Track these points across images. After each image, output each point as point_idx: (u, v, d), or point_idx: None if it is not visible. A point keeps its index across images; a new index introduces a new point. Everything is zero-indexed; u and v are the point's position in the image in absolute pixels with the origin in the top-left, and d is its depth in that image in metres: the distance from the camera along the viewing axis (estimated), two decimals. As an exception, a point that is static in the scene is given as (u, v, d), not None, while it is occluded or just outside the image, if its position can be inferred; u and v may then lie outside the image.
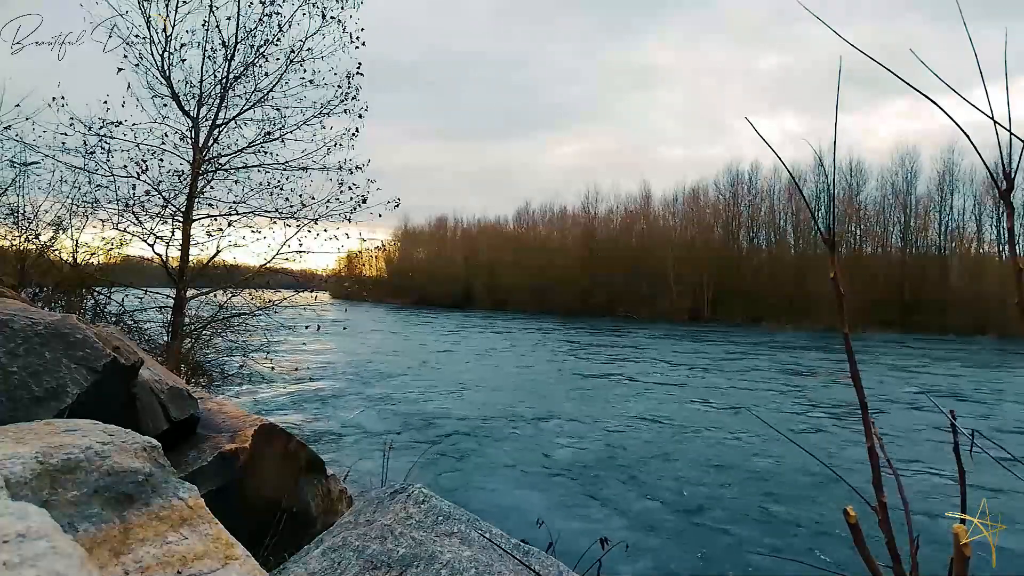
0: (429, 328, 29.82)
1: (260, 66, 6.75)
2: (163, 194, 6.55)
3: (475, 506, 5.59)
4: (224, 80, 6.62)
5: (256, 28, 6.60)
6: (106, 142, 6.27)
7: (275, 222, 7.05)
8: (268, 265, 7.12)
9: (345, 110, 6.99)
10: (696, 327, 36.06)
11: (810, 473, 7.02)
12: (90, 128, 6.17)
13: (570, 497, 6.23)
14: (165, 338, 6.67)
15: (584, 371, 15.63)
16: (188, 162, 6.63)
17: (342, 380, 13.23)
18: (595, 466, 7.31)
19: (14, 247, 6.22)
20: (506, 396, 11.72)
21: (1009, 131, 0.67)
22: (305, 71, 6.84)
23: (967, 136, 0.75)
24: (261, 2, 6.56)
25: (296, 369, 9.84)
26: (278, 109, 6.92)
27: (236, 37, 6.53)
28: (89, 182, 6.34)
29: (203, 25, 6.42)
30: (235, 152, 6.94)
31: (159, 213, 6.61)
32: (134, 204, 6.47)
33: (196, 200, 6.70)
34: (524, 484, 6.61)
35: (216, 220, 6.91)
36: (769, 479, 6.93)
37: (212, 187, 6.93)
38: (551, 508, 5.79)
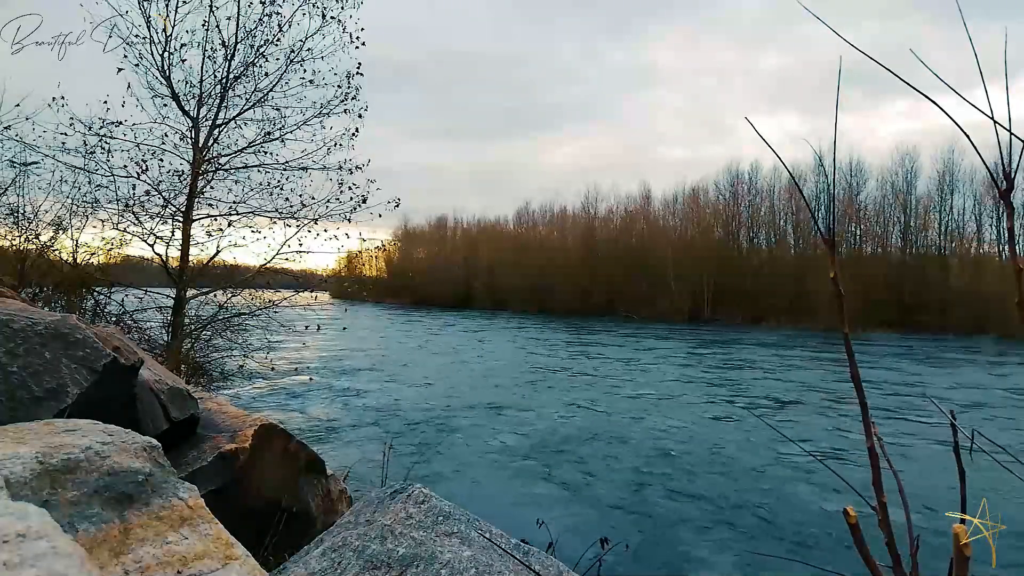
0: (429, 328, 29.82)
1: (260, 66, 6.76)
2: (163, 194, 6.56)
3: (475, 506, 5.59)
4: (224, 80, 6.63)
5: (256, 28, 6.62)
6: (106, 142, 6.28)
7: (275, 222, 7.07)
8: (268, 265, 7.12)
9: (345, 110, 7.00)
10: (696, 327, 36.06)
11: (810, 473, 7.02)
12: (90, 128, 6.18)
13: (570, 497, 6.22)
14: (165, 338, 6.67)
15: (584, 371, 15.63)
16: (188, 162, 6.64)
17: (342, 380, 13.23)
18: (595, 466, 7.31)
19: (14, 247, 6.22)
20: (506, 396, 11.72)
21: (1009, 131, 0.67)
22: (305, 71, 6.86)
23: (967, 136, 0.75)
24: (261, 2, 6.57)
25: (296, 369, 9.84)
26: (278, 109, 6.94)
27: (236, 37, 6.54)
28: (89, 182, 6.35)
29: (203, 25, 6.43)
30: (235, 152, 6.95)
31: (159, 213, 6.62)
32: (134, 204, 6.48)
33: (196, 200, 6.71)
34: (524, 484, 6.61)
35: (216, 220, 6.92)
36: (770, 479, 6.93)
37: (212, 187, 6.94)
38: (551, 508, 5.79)
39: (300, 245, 7.06)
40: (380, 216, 7.08)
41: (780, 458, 7.70)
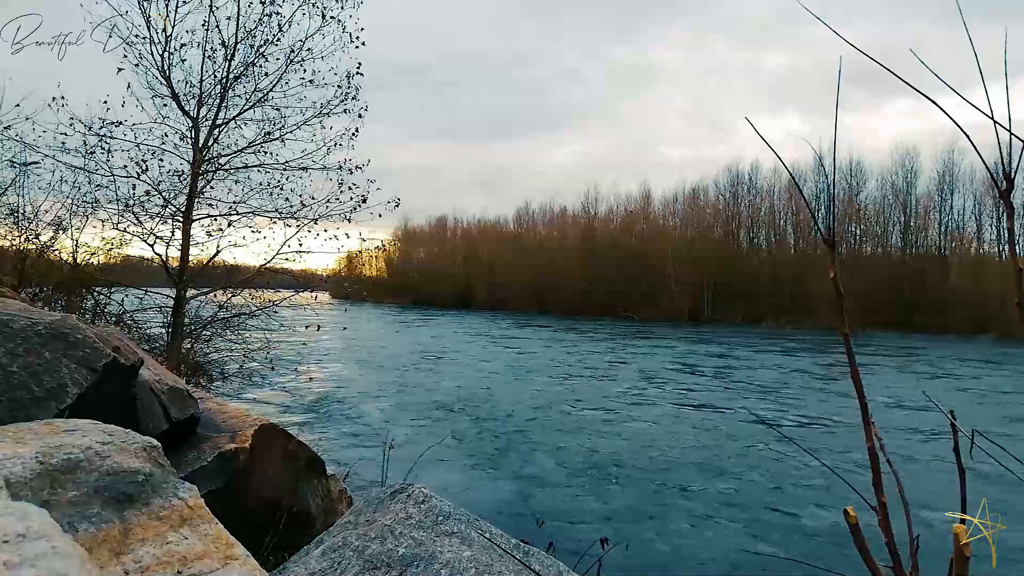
0: (429, 328, 29.82)
1: (260, 66, 6.76)
2: (163, 194, 6.56)
3: (475, 506, 5.59)
4: (224, 80, 6.62)
5: (256, 28, 6.62)
6: (106, 142, 6.28)
7: (275, 222, 7.07)
8: (268, 265, 7.12)
9: (345, 110, 7.00)
10: (696, 327, 36.06)
11: (810, 472, 7.02)
12: (90, 128, 6.18)
13: (571, 497, 6.22)
14: (165, 338, 6.67)
15: (584, 371, 15.63)
16: (188, 162, 6.64)
17: (342, 380, 13.23)
18: (595, 466, 7.31)
19: (14, 247, 6.22)
20: (506, 396, 11.72)
21: (1009, 131, 0.67)
22: (305, 71, 6.86)
23: (967, 136, 0.75)
24: (261, 2, 6.57)
25: (296, 369, 9.84)
26: (278, 109, 6.93)
27: (236, 37, 6.54)
28: (89, 182, 6.35)
29: (203, 25, 6.43)
30: (235, 152, 6.95)
31: (159, 213, 6.62)
32: (134, 204, 6.47)
33: (196, 200, 6.70)
34: (525, 483, 6.61)
35: (216, 220, 6.92)
36: (770, 479, 6.93)
37: (212, 187, 6.94)
38: (552, 507, 5.79)
39: (300, 245, 7.07)
40: (380, 216, 7.09)
41: (780, 458, 7.70)
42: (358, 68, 6.93)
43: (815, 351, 22.69)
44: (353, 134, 7.03)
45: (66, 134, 6.06)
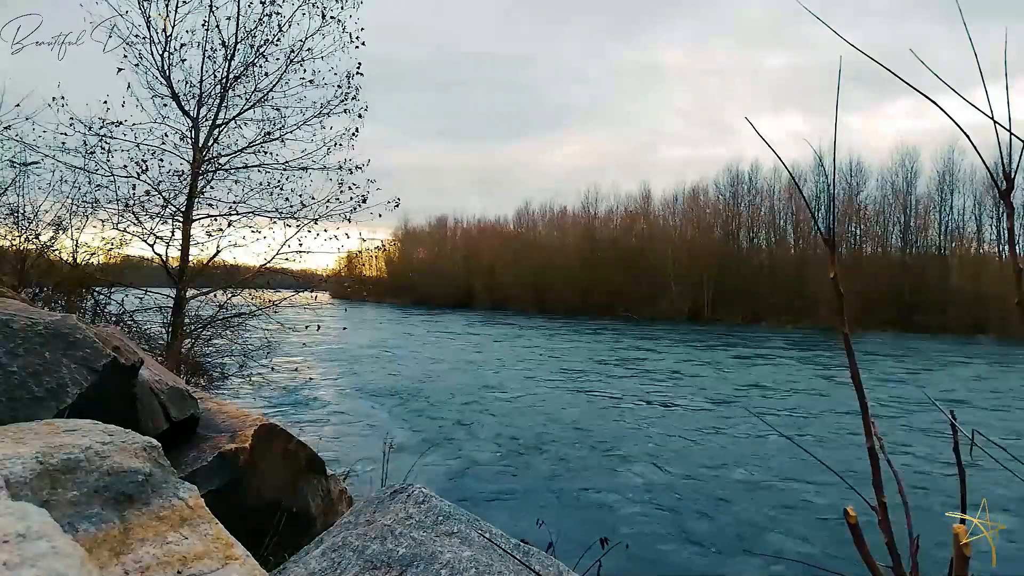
0: (429, 328, 29.81)
1: (260, 66, 6.76)
2: (163, 194, 6.56)
3: (475, 506, 5.59)
4: (224, 80, 6.62)
5: (256, 28, 6.61)
6: (106, 142, 6.28)
7: (275, 222, 7.07)
8: (268, 265, 7.12)
9: (345, 110, 7.00)
10: (696, 327, 36.06)
11: (810, 472, 7.02)
12: (90, 128, 6.18)
13: (571, 497, 6.22)
14: (165, 338, 6.67)
15: (584, 371, 15.63)
16: (188, 162, 6.64)
17: (342, 380, 13.23)
18: (595, 466, 7.31)
19: (14, 247, 6.22)
20: (507, 396, 11.72)
21: (1009, 131, 0.67)
22: (305, 71, 6.86)
23: (967, 136, 0.75)
24: (261, 2, 6.57)
25: (296, 369, 9.83)
26: (278, 109, 6.93)
27: (236, 37, 6.54)
28: (89, 182, 6.35)
29: (203, 25, 6.43)
30: (235, 152, 6.95)
31: (159, 213, 6.62)
32: (134, 204, 6.47)
33: (196, 200, 6.70)
34: (525, 483, 6.61)
35: (216, 220, 6.92)
36: (770, 479, 6.93)
37: (212, 187, 6.94)
38: (552, 507, 5.79)
39: (300, 245, 7.07)
40: (380, 216, 7.09)
41: (780, 458, 7.70)
42: (358, 68, 6.94)
43: (815, 351, 22.68)
44: (353, 134, 7.04)
45: (66, 134, 6.06)
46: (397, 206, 7.18)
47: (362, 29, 6.83)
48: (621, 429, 9.23)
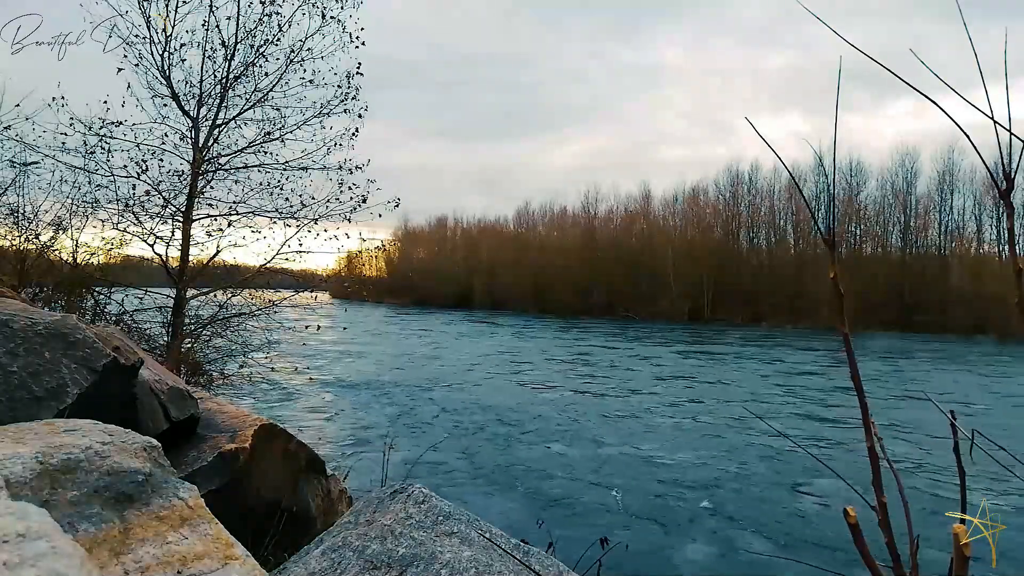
0: (429, 328, 29.82)
1: (260, 66, 6.75)
2: (163, 194, 6.55)
3: (475, 506, 5.59)
4: (224, 80, 6.62)
5: (256, 28, 6.61)
6: (106, 142, 6.27)
7: (275, 222, 7.06)
8: (268, 265, 7.12)
9: (345, 110, 6.99)
10: (696, 327, 36.06)
11: (810, 472, 7.02)
12: (90, 128, 6.17)
13: (571, 497, 6.22)
14: (165, 338, 6.67)
15: (584, 371, 15.63)
16: (188, 162, 6.63)
17: (342, 380, 13.23)
18: (595, 466, 7.31)
19: (14, 247, 6.21)
20: (507, 396, 11.72)
21: (1009, 131, 0.67)
22: (305, 71, 6.85)
23: (967, 136, 0.75)
24: (261, 2, 6.56)
25: (296, 369, 9.84)
26: (278, 109, 6.93)
27: (236, 37, 6.53)
28: (89, 182, 6.34)
29: (203, 25, 6.42)
30: (235, 152, 6.94)
31: (159, 213, 6.61)
32: (134, 204, 6.47)
33: (196, 200, 6.70)
34: (525, 483, 6.61)
35: (216, 220, 6.91)
36: (770, 479, 6.93)
37: (212, 187, 6.93)
38: (552, 508, 5.79)
39: (300, 245, 7.06)
40: (380, 216, 7.08)
41: (780, 458, 7.70)
42: (358, 68, 6.93)
43: (815, 351, 22.69)
44: (353, 134, 7.03)
45: (66, 134, 6.05)
46: (397, 206, 7.19)
47: (362, 29, 6.83)
48: (621, 429, 9.23)
